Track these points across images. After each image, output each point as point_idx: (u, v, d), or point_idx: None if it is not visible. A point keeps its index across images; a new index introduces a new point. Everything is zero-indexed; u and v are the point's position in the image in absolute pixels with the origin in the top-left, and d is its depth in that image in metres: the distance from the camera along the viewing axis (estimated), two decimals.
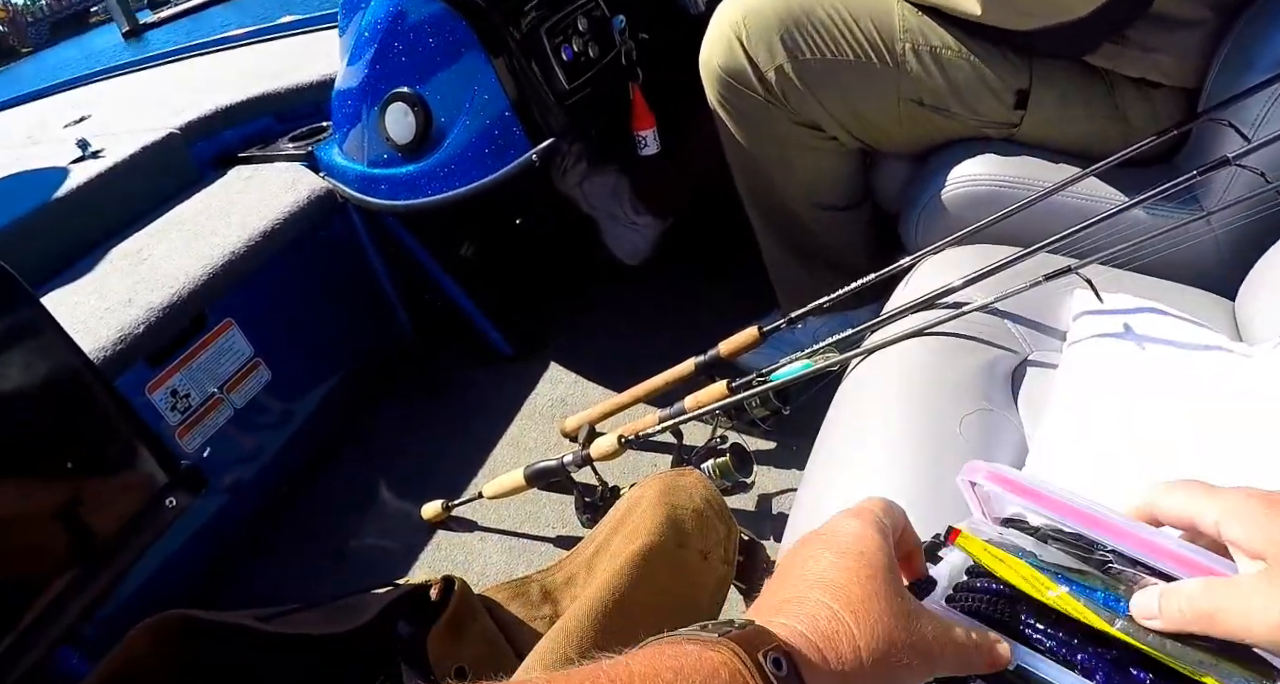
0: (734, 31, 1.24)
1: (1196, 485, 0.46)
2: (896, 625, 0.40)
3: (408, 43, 1.33)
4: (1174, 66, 1.15)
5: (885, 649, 0.40)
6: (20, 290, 0.82)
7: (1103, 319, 1.00)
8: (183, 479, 0.85)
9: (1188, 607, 0.41)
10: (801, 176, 1.32)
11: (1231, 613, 0.40)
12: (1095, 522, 0.48)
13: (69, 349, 0.83)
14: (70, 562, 0.78)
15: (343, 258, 1.70)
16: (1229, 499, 0.43)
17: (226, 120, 1.85)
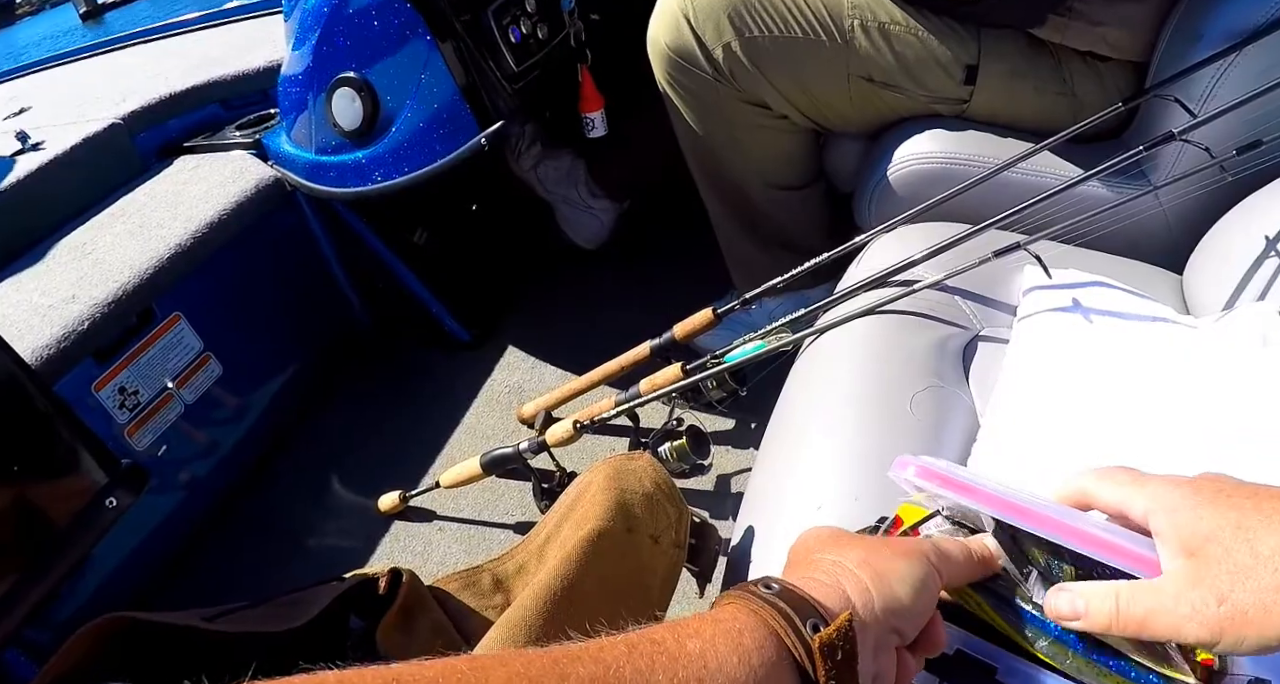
0: (681, 10, 1.23)
1: (1125, 474, 0.47)
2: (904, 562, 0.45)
3: (353, 26, 1.30)
4: (1121, 39, 1.15)
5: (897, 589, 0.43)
6: None
7: (1051, 294, 1.00)
8: (123, 478, 0.82)
9: (1116, 613, 0.43)
10: (753, 156, 1.31)
11: (1160, 618, 0.41)
12: (1025, 513, 0.49)
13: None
14: (8, 566, 0.76)
15: (293, 247, 1.67)
16: (1156, 490, 0.44)
17: (171, 109, 1.80)
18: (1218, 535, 0.40)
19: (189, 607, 0.81)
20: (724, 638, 0.37)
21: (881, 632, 0.41)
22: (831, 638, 0.37)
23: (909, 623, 0.43)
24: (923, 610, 0.44)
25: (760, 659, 0.36)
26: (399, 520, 1.44)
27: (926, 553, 0.46)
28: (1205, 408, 0.85)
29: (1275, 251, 0.96)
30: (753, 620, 0.38)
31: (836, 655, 0.37)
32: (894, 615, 0.42)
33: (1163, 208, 1.12)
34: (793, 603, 0.39)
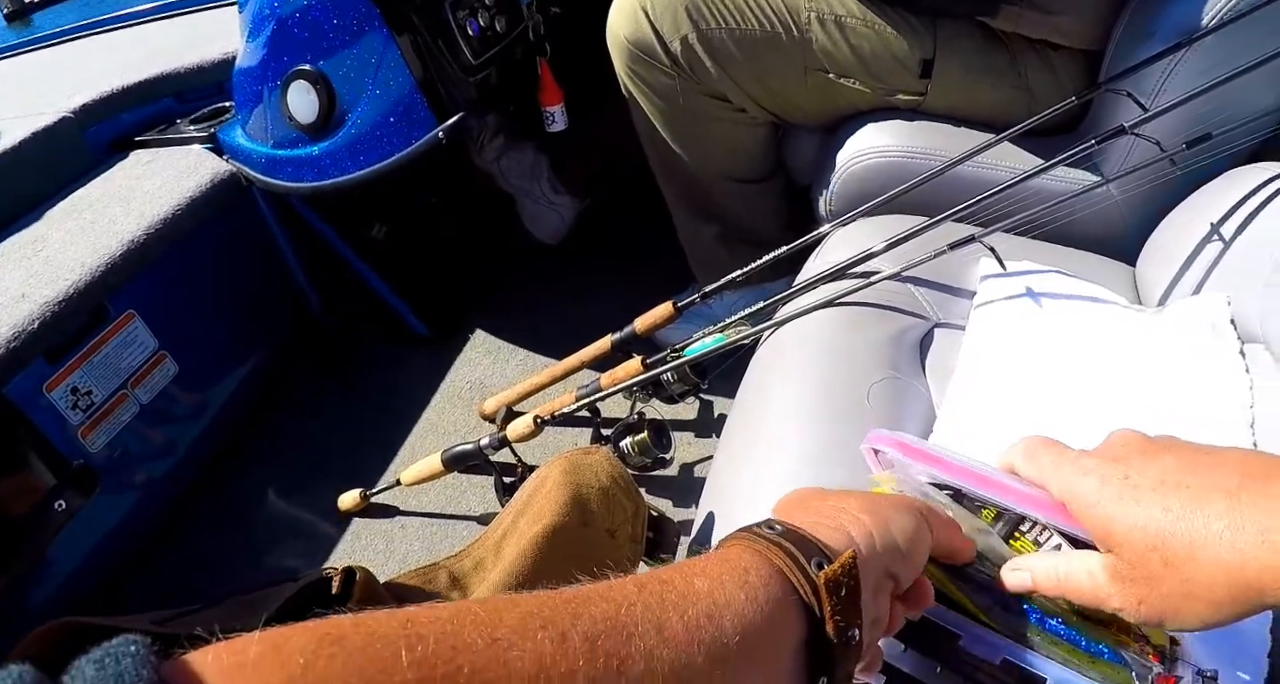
0: (639, 3, 1.22)
1: (1047, 454, 0.48)
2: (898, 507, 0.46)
3: (308, 18, 1.28)
4: (1073, 28, 1.17)
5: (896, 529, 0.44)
6: None
7: (1006, 285, 1.02)
8: (73, 480, 0.81)
9: (1061, 589, 0.46)
10: (712, 149, 1.31)
11: (1098, 603, 0.44)
12: (988, 482, 0.50)
13: None
14: None
15: (250, 243, 1.64)
16: (1067, 479, 0.46)
17: (123, 102, 1.76)
18: (1129, 538, 0.41)
19: (149, 607, 0.79)
20: (731, 576, 0.37)
21: (880, 575, 0.42)
22: (836, 574, 0.38)
23: (905, 570, 0.44)
24: (918, 561, 0.45)
25: (767, 595, 0.37)
26: (360, 518, 1.42)
27: (920, 509, 0.47)
28: (1156, 394, 0.87)
29: (1224, 242, 0.98)
30: (758, 559, 0.38)
31: (841, 592, 0.38)
32: (894, 560, 0.43)
33: (1116, 200, 1.13)
34: (796, 541, 0.40)
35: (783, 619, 0.37)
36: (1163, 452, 0.43)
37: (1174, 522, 0.39)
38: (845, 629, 0.38)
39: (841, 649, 0.38)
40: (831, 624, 0.37)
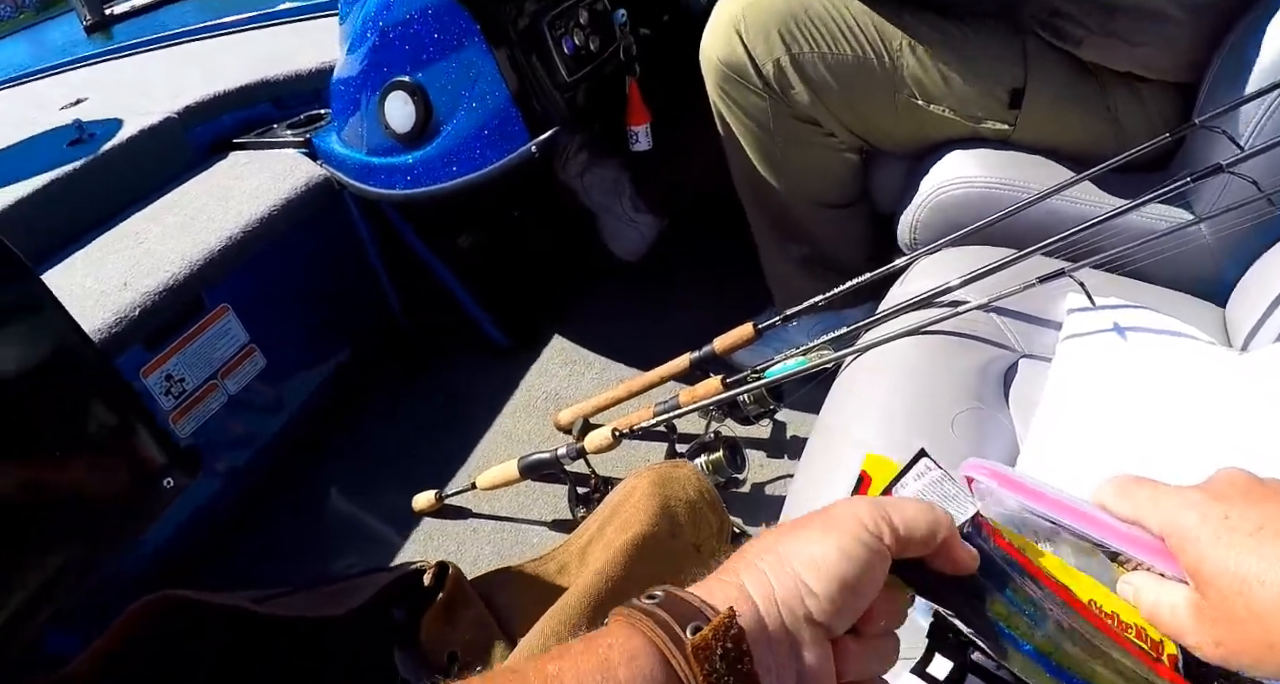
0: (734, 24, 1.25)
1: (1142, 490, 0.46)
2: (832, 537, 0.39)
3: (409, 31, 1.33)
4: (1160, 61, 1.16)
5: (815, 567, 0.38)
6: (20, 266, 0.82)
7: (1094, 322, 1.01)
8: (180, 460, 0.85)
9: (1154, 618, 0.43)
10: (799, 173, 1.33)
11: (1179, 638, 0.42)
12: (1085, 517, 0.50)
13: (68, 327, 0.83)
14: (68, 539, 0.78)
15: (339, 246, 1.70)
16: (1169, 513, 0.44)
17: (224, 105, 1.84)
18: (1217, 580, 0.40)
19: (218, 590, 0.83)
20: (589, 655, 0.34)
21: (794, 624, 0.37)
22: (707, 640, 0.34)
23: (828, 610, 0.37)
24: (844, 591, 0.38)
25: (629, 672, 0.33)
26: (433, 518, 1.45)
27: (860, 520, 0.39)
28: (1245, 439, 0.85)
29: None
30: (625, 632, 0.35)
31: (715, 659, 0.34)
32: (803, 603, 0.37)
33: (1207, 239, 1.12)
34: (673, 609, 0.36)
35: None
36: (1269, 497, 0.42)
37: (1266, 570, 0.39)
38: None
39: None
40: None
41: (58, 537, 0.80)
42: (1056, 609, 0.41)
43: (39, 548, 0.80)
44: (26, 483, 0.77)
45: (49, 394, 0.78)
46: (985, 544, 0.42)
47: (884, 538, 0.39)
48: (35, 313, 0.80)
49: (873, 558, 0.38)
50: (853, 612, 0.38)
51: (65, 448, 0.78)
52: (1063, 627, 0.41)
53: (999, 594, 0.41)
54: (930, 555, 0.40)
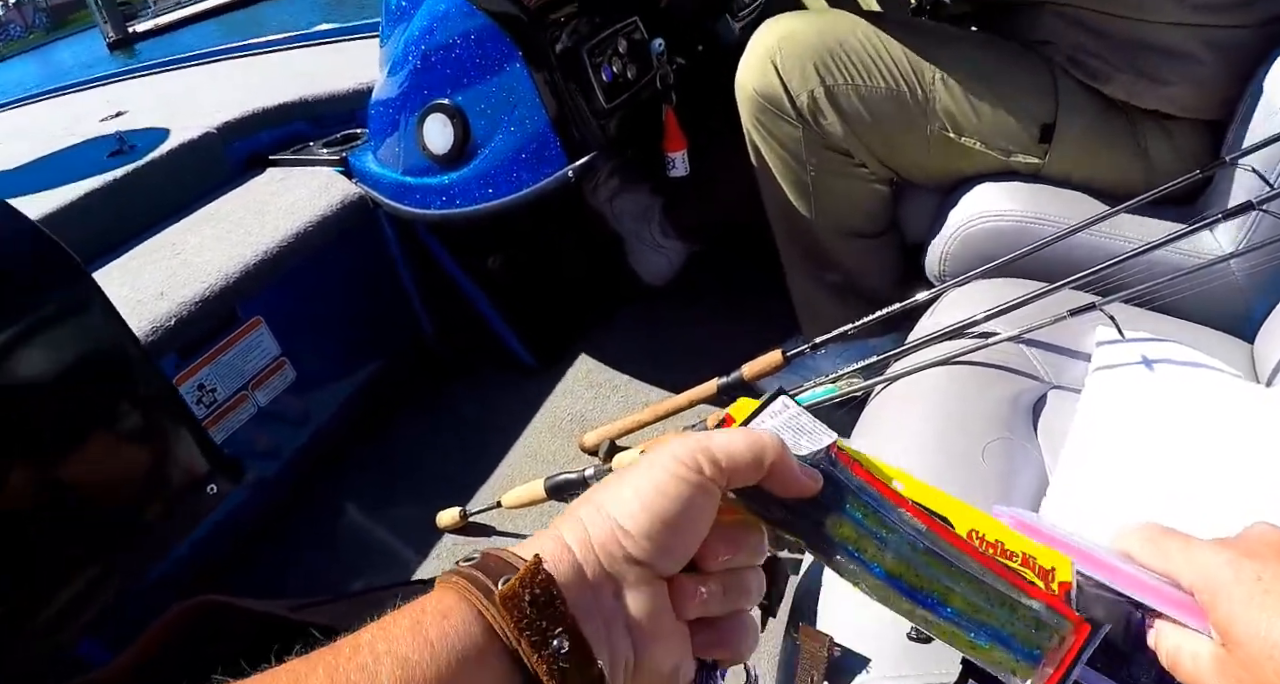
0: (769, 56, 1.27)
1: (1173, 542, 0.46)
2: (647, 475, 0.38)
3: (451, 55, 1.35)
4: (1189, 99, 1.18)
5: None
6: (74, 267, 0.84)
7: (1123, 353, 1.02)
8: (223, 466, 0.86)
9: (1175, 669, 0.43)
10: (830, 202, 1.35)
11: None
12: (1108, 569, 0.50)
13: (120, 330, 0.85)
14: (112, 543, 0.80)
15: (371, 263, 1.72)
16: (1202, 569, 0.44)
17: (263, 122, 1.88)
18: (1248, 643, 0.40)
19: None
20: (402, 618, 0.34)
21: (614, 566, 0.36)
22: (514, 588, 0.34)
23: (647, 548, 0.36)
24: (664, 528, 0.37)
25: (441, 629, 0.33)
26: (456, 535, 1.46)
27: (675, 456, 0.38)
28: (1272, 473, 0.86)
29: None
30: (439, 593, 0.35)
31: (524, 605, 0.33)
32: (620, 545, 0.36)
33: (1236, 275, 1.13)
34: (487, 567, 0.36)
35: (474, 654, 0.33)
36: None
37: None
38: (547, 642, 0.33)
39: (553, 665, 0.33)
40: (525, 642, 0.33)
41: (102, 540, 0.81)
42: (912, 533, 0.41)
43: (84, 550, 0.81)
44: (74, 485, 0.79)
45: (99, 396, 0.80)
46: (839, 472, 0.42)
47: (704, 470, 0.38)
48: (88, 314, 0.82)
49: (691, 491, 0.37)
50: (679, 548, 0.37)
51: (113, 451, 0.80)
52: (916, 548, 0.41)
53: (846, 518, 0.41)
54: (768, 482, 0.39)
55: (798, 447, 0.42)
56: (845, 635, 0.74)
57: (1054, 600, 0.41)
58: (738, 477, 0.39)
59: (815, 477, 0.40)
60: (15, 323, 0.78)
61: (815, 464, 0.41)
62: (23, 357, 0.77)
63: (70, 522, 0.79)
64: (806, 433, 0.44)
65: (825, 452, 0.42)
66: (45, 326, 0.81)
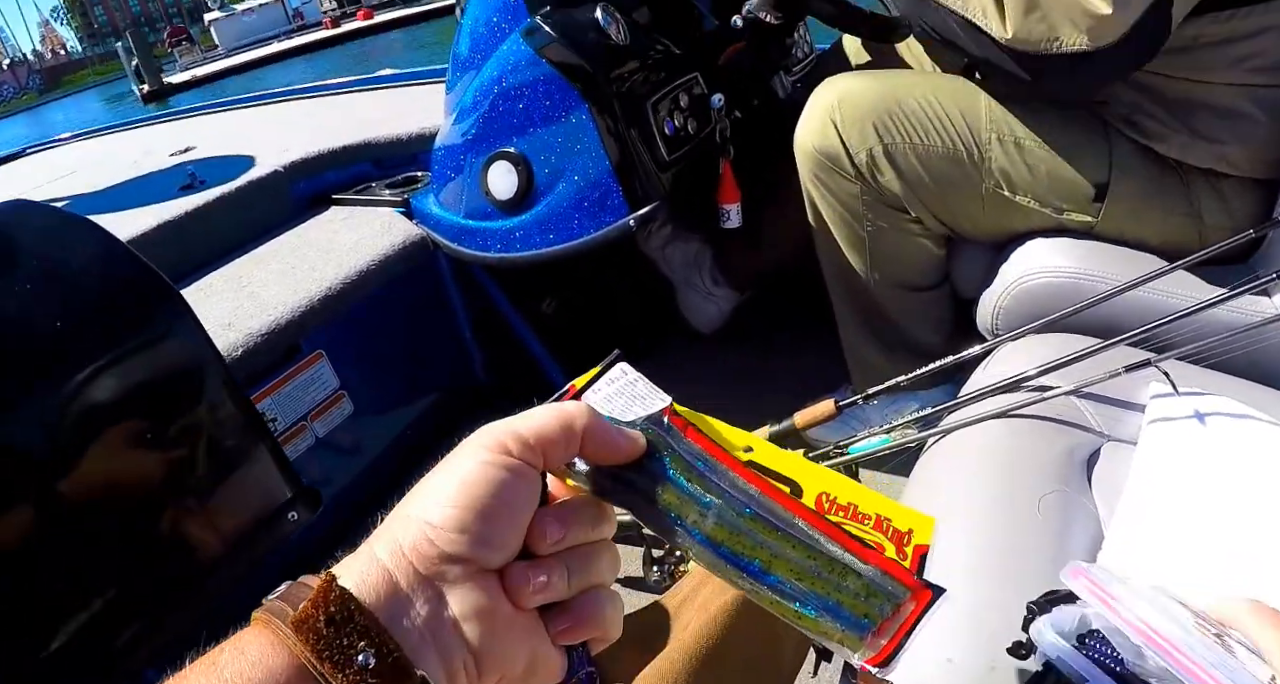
0: (829, 114, 1.31)
1: (1273, 620, 0.47)
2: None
3: (518, 104, 1.41)
4: (1243, 158, 1.20)
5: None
6: (169, 290, 0.88)
7: (1178, 409, 1.03)
8: (303, 494, 0.89)
9: None
10: (884, 256, 1.37)
11: None
12: (1183, 662, 0.50)
13: (212, 355, 0.88)
14: (194, 565, 0.82)
15: (428, 302, 1.77)
16: None
17: (328, 163, 1.95)
18: None
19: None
20: (204, 660, 0.33)
21: (430, 568, 0.35)
22: (308, 611, 0.32)
23: (461, 540, 0.35)
24: (476, 518, 0.35)
25: (236, 666, 0.32)
26: None
27: (478, 442, 0.37)
28: None
29: None
30: (244, 630, 0.34)
31: (319, 626, 0.32)
32: (432, 544, 0.35)
33: None
34: (289, 595, 0.34)
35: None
36: None
37: None
38: (351, 660, 0.32)
39: (362, 682, 0.32)
40: (326, 664, 0.32)
41: (184, 564, 0.84)
42: (741, 497, 0.38)
43: (164, 574, 0.84)
44: (162, 507, 0.82)
45: (191, 420, 0.84)
46: (670, 436, 0.40)
47: (512, 451, 0.36)
48: (182, 338, 0.86)
49: (501, 474, 0.36)
50: (498, 536, 0.35)
51: (201, 475, 0.83)
52: (741, 513, 0.38)
53: (669, 483, 0.39)
54: (588, 452, 0.38)
55: (627, 413, 0.41)
56: (906, 680, 0.75)
57: (893, 566, 0.38)
58: (553, 451, 0.37)
59: (634, 439, 0.39)
60: (116, 343, 0.82)
61: (641, 429, 0.40)
62: (121, 377, 0.81)
63: (154, 544, 0.83)
64: (641, 399, 0.42)
65: (656, 416, 0.41)
66: (143, 348, 0.84)
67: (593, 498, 0.39)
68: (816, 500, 0.40)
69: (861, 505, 0.40)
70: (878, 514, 0.40)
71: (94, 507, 0.77)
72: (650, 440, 0.39)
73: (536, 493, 0.37)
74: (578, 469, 0.39)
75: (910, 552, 0.39)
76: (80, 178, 2.36)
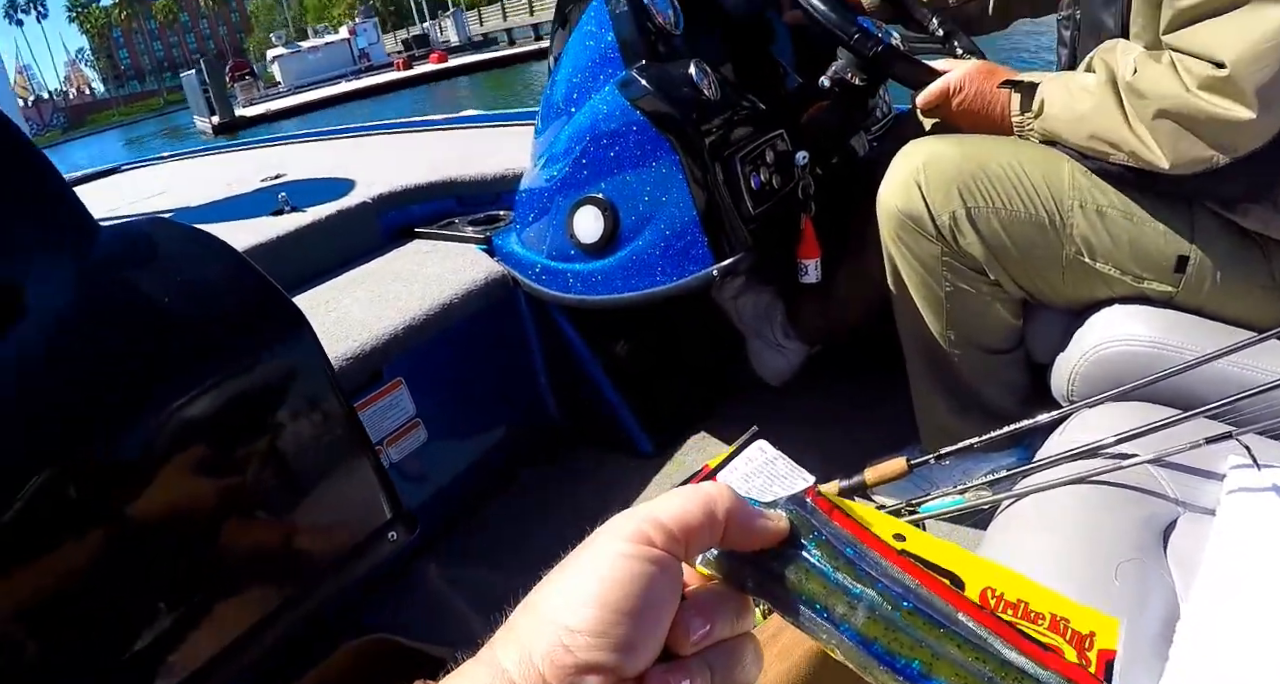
0: (914, 177, 1.34)
1: None
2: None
3: (610, 152, 1.46)
4: None
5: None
6: (293, 310, 0.92)
7: (1259, 485, 1.03)
8: (402, 515, 0.93)
9: None
10: (963, 317, 1.39)
11: None
12: None
13: (329, 376, 0.92)
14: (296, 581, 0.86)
15: (505, 339, 1.82)
16: None
17: (413, 197, 2.02)
18: None
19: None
20: None
21: (566, 678, 0.31)
22: None
23: (600, 645, 0.31)
24: (618, 619, 0.31)
25: None
26: None
27: (617, 533, 0.34)
28: None
29: None
30: None
31: None
32: (568, 651, 0.31)
33: None
34: None
35: None
36: None
37: None
38: None
39: None
40: None
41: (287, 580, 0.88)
42: (896, 588, 0.34)
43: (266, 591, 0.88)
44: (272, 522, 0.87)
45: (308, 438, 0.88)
46: (814, 519, 0.36)
47: (654, 540, 0.33)
48: (303, 356, 0.90)
49: (645, 569, 0.32)
50: (643, 639, 0.32)
51: (315, 491, 0.87)
52: (897, 606, 0.34)
53: (814, 570, 0.35)
54: (729, 539, 0.34)
55: (766, 493, 0.38)
56: None
57: (1076, 672, 0.34)
58: (696, 540, 0.34)
59: (776, 521, 0.35)
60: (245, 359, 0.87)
61: (784, 510, 0.37)
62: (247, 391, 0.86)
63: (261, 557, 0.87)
64: (781, 479, 0.40)
65: (799, 497, 0.37)
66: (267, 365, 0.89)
67: (730, 587, 0.36)
68: (981, 595, 0.36)
69: (1033, 603, 0.36)
70: (1053, 613, 0.35)
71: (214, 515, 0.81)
72: (792, 523, 0.36)
73: (679, 587, 0.34)
74: (709, 554, 0.36)
75: (1094, 657, 0.35)
76: (171, 196, 2.47)
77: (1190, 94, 1.11)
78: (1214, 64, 1.09)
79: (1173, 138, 1.14)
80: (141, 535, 0.79)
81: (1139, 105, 1.17)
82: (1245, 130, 1.10)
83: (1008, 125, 1.36)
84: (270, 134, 3.16)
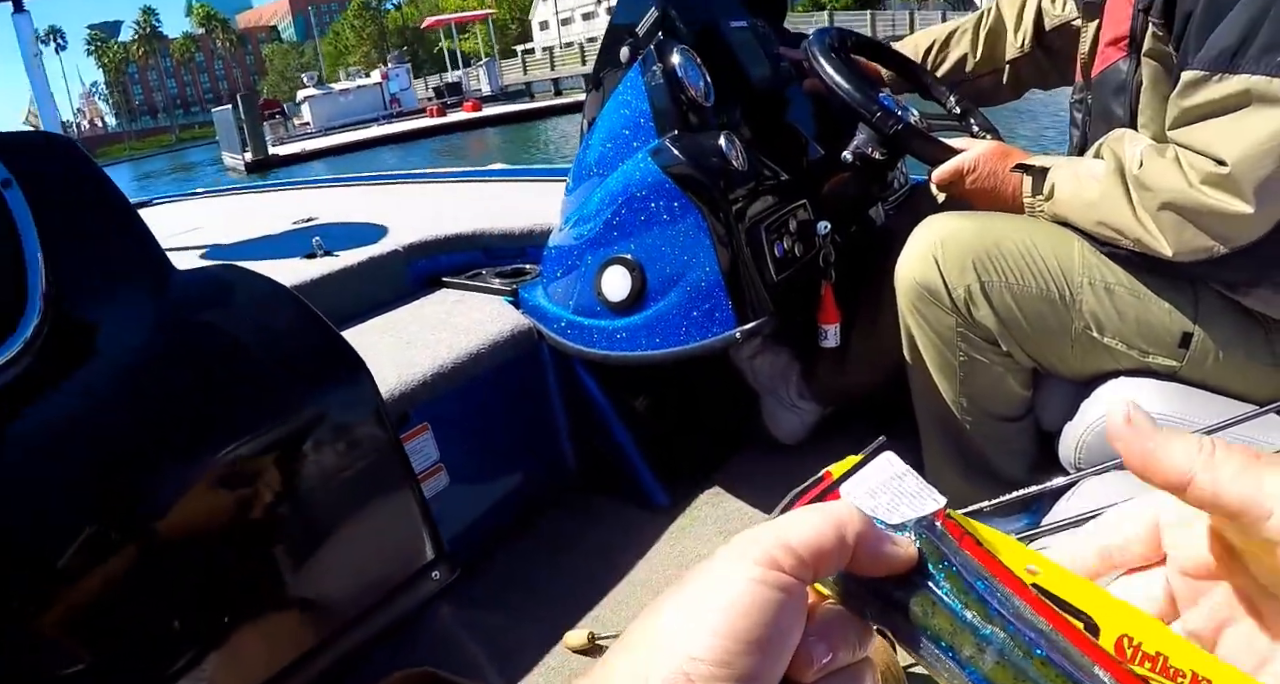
0: (932, 251, 1.40)
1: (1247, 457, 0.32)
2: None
3: (639, 216, 1.52)
4: None
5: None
6: (349, 351, 0.97)
7: None
8: (444, 555, 0.97)
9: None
10: (975, 386, 1.45)
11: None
12: None
13: (384, 414, 0.97)
14: (343, 617, 0.90)
15: (528, 389, 1.86)
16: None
17: (442, 247, 2.09)
18: None
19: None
20: None
21: None
22: None
23: (726, 676, 0.29)
24: (744, 648, 0.29)
25: None
26: (582, 656, 1.52)
27: (745, 554, 0.31)
28: None
29: None
30: None
31: None
32: (690, 681, 0.29)
33: None
34: None
35: None
36: None
37: None
38: None
39: None
40: None
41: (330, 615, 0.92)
42: (1029, 632, 0.31)
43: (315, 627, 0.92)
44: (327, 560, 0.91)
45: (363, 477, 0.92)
46: (943, 545, 0.33)
47: (783, 565, 0.31)
48: (360, 396, 0.95)
49: (775, 596, 0.30)
50: (769, 669, 0.30)
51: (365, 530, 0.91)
52: (1029, 653, 0.31)
53: (941, 605, 0.32)
54: (856, 565, 0.32)
55: (893, 513, 0.35)
56: None
57: None
58: (824, 565, 0.31)
59: (905, 547, 0.33)
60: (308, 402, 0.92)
61: (912, 534, 0.34)
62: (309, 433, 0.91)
63: (314, 594, 0.91)
64: (909, 497, 0.35)
65: (928, 520, 0.34)
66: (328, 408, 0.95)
67: (849, 610, 0.34)
68: (1117, 644, 0.32)
69: (1173, 657, 0.32)
70: (1194, 671, 0.31)
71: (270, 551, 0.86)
72: (921, 549, 0.33)
73: (805, 614, 0.31)
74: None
75: None
76: (205, 233, 2.52)
77: (1193, 188, 1.18)
78: (1216, 161, 1.16)
79: (1176, 228, 1.22)
80: (203, 567, 0.83)
81: (1144, 196, 1.24)
82: (1243, 223, 1.17)
83: (1019, 205, 1.43)
84: (298, 177, 3.24)
